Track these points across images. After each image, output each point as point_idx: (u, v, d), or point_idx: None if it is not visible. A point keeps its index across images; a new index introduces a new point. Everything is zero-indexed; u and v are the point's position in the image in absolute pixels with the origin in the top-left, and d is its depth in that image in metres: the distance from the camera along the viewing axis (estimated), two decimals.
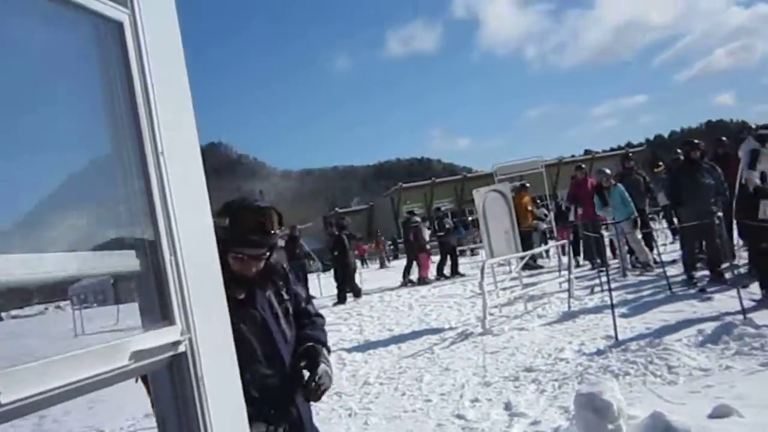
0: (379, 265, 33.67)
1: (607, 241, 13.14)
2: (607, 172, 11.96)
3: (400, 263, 29.72)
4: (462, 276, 16.80)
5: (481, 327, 8.78)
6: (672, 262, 11.50)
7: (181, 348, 1.25)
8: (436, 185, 57.45)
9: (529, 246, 14.48)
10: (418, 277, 16.95)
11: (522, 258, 11.36)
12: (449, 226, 18.57)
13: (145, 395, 2.41)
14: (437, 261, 17.90)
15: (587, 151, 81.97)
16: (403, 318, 11.15)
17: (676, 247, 12.01)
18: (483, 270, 9.18)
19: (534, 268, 15.13)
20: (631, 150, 54.39)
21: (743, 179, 8.06)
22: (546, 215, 19.25)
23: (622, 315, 7.87)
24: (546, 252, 16.21)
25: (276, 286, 2.68)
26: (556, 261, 14.88)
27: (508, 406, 5.60)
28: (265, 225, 2.44)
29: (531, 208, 16.61)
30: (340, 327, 10.92)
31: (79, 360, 1.01)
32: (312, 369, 2.58)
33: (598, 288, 10.19)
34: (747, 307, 6.94)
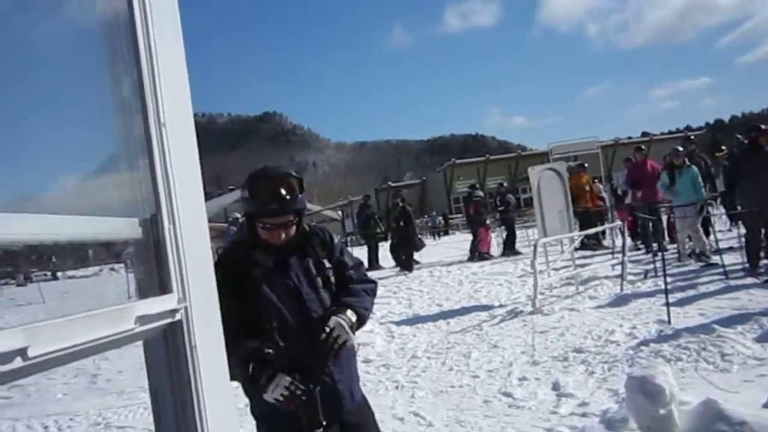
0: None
1: (665, 225, 12.83)
2: (680, 150, 11.56)
3: (449, 239, 29.69)
4: (519, 254, 16.57)
5: (531, 306, 8.75)
6: (729, 249, 11.20)
7: (178, 316, 1.28)
8: (489, 162, 56.92)
9: (588, 226, 14.28)
10: (477, 252, 16.76)
11: (576, 238, 11.21)
12: (512, 202, 18.34)
13: None
14: (499, 238, 17.71)
15: (644, 133, 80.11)
16: (453, 294, 11.17)
17: (733, 234, 11.65)
18: (536, 249, 9.12)
19: (594, 248, 14.88)
20: (691, 133, 52.90)
21: None
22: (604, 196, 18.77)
23: (675, 301, 7.73)
24: (603, 233, 15.89)
25: (316, 255, 2.66)
26: (610, 243, 14.68)
27: (556, 386, 5.60)
28: (282, 192, 2.42)
29: (590, 188, 16.24)
30: (389, 300, 11.00)
31: (93, 320, 1.05)
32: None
33: (651, 272, 10.02)
34: None
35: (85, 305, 1.12)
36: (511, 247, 17.13)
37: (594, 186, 16.91)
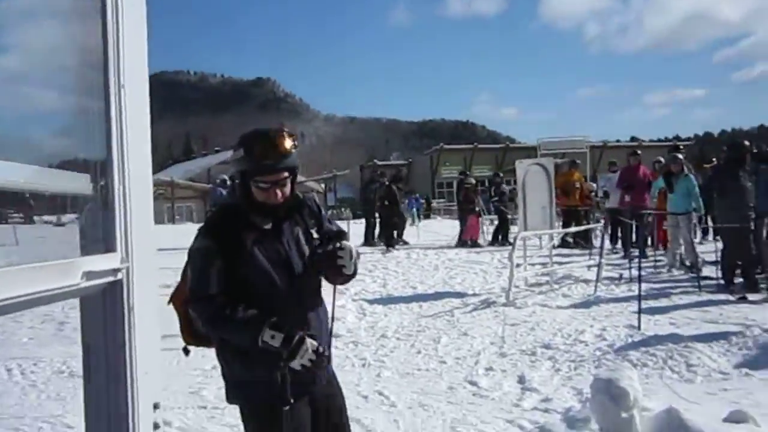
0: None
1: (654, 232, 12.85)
2: (680, 157, 11.53)
3: (429, 223, 29.70)
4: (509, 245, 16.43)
5: (505, 298, 8.78)
6: (704, 262, 11.24)
7: (120, 275, 1.29)
8: (477, 151, 57.03)
9: (577, 224, 14.31)
10: (462, 240, 16.60)
11: (557, 236, 11.24)
12: (506, 192, 18.30)
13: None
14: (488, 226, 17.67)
15: (634, 138, 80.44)
16: (428, 278, 11.17)
17: (707, 248, 11.69)
18: (515, 242, 9.14)
19: (580, 246, 14.87)
20: (680, 143, 53.18)
21: None
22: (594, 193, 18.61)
23: (648, 308, 7.76)
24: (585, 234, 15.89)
25: (306, 224, 2.66)
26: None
27: (521, 379, 5.63)
28: (277, 148, 2.42)
29: (580, 185, 16.17)
30: (364, 278, 10.96)
31: (40, 272, 1.04)
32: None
33: (626, 277, 10.07)
34: None
35: (59, 253, 1.09)
36: (505, 237, 17.05)
37: (585, 185, 16.90)
